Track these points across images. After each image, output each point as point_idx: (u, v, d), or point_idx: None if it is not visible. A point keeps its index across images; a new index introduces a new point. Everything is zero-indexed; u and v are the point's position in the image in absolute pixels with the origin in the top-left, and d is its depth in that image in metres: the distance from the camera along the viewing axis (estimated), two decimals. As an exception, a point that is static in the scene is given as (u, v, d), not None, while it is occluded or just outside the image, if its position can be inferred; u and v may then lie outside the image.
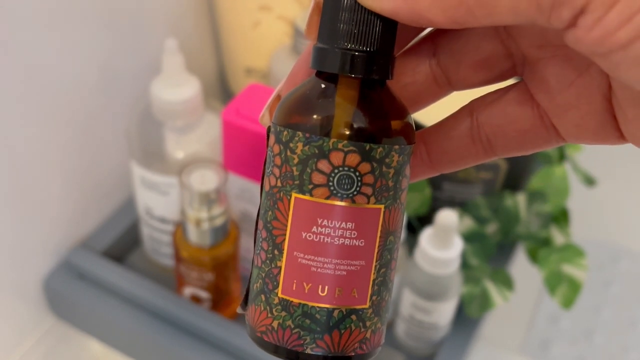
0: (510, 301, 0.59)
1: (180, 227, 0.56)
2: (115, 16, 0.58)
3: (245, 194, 0.57)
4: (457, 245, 0.54)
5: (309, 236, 0.24)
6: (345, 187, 0.24)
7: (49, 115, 0.55)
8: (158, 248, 0.63)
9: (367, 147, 0.23)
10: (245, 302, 0.27)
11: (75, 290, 0.60)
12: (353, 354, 0.25)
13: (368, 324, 0.25)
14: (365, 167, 0.24)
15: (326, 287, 0.24)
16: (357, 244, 0.24)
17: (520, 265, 0.70)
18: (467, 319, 0.60)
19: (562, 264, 0.60)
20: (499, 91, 0.26)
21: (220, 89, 0.79)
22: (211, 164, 0.54)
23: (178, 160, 0.57)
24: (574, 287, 0.59)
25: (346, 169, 0.24)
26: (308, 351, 0.25)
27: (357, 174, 0.24)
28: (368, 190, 0.24)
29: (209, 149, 0.58)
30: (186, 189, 0.52)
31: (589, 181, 0.68)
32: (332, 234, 0.24)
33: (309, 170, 0.24)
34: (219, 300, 0.59)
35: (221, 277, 0.57)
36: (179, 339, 0.56)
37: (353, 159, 0.23)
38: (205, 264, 0.55)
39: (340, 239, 0.24)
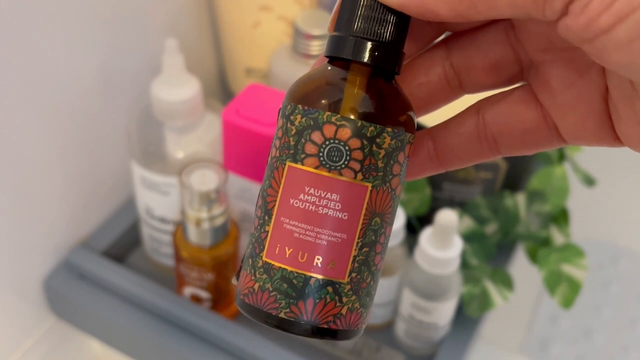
0: (510, 301, 0.59)
1: (180, 227, 0.56)
2: (115, 16, 0.58)
3: (245, 194, 0.57)
4: (457, 245, 0.54)
5: (296, 203, 0.25)
6: (334, 159, 0.25)
7: (48, 115, 0.55)
8: (158, 248, 0.64)
9: (359, 124, 0.24)
10: (239, 273, 0.27)
11: (75, 290, 0.60)
12: (325, 326, 0.25)
13: (344, 300, 0.25)
14: (355, 142, 0.24)
15: (306, 254, 0.25)
16: (340, 216, 0.25)
17: (520, 265, 0.70)
18: (467, 319, 0.60)
19: (561, 264, 0.60)
20: (505, 92, 0.27)
21: (220, 89, 0.79)
22: (211, 164, 0.54)
23: (178, 160, 0.57)
24: (574, 287, 0.59)
25: (336, 141, 0.24)
26: (282, 315, 0.25)
27: (347, 148, 0.24)
28: (356, 166, 0.25)
29: (209, 149, 0.58)
30: (186, 189, 0.52)
31: (589, 181, 0.68)
32: (317, 202, 0.25)
33: (303, 140, 0.25)
34: (219, 300, 0.59)
35: (221, 277, 0.57)
36: (179, 339, 0.56)
37: (344, 133, 0.24)
38: (205, 263, 0.55)
39: (324, 209, 0.25)
